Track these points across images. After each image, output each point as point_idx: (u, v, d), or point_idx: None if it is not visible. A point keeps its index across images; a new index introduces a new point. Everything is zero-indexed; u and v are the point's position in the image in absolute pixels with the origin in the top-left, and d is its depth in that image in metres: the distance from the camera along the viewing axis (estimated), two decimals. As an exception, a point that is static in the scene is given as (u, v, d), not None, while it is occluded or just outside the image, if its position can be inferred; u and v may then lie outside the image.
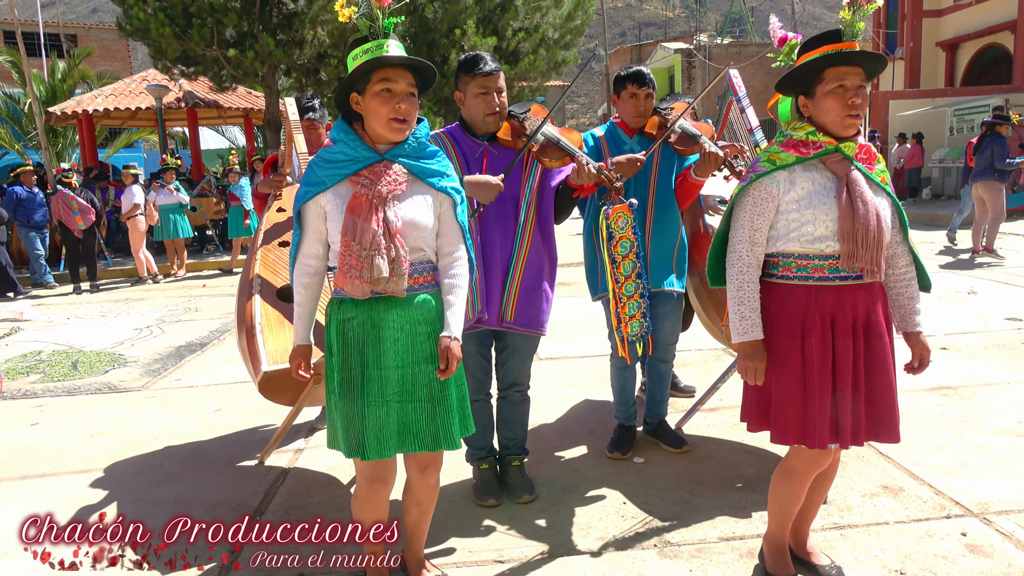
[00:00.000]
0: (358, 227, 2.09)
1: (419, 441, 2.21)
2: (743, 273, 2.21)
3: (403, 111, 2.12)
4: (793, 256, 2.19)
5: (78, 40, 29.59)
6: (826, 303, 2.16)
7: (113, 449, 3.98)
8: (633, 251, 2.93)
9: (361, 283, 2.10)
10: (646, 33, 62.77)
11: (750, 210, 2.21)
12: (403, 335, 2.18)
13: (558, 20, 14.86)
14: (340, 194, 2.15)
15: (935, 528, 2.75)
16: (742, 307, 2.21)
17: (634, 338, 2.98)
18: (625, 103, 3.31)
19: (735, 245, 2.24)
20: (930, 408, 3.99)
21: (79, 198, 10.11)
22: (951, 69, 20.94)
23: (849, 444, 2.19)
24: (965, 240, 10.56)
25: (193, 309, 8.28)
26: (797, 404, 2.18)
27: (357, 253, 2.08)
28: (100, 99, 15.68)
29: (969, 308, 6.41)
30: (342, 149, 2.17)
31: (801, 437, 2.19)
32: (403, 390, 2.18)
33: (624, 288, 2.95)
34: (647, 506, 3.02)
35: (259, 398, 3.58)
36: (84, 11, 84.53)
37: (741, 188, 2.23)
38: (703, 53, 29.34)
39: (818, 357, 2.15)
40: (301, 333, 2.30)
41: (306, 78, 13.63)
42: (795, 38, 2.82)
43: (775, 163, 2.18)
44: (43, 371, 5.73)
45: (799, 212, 2.15)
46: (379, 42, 2.11)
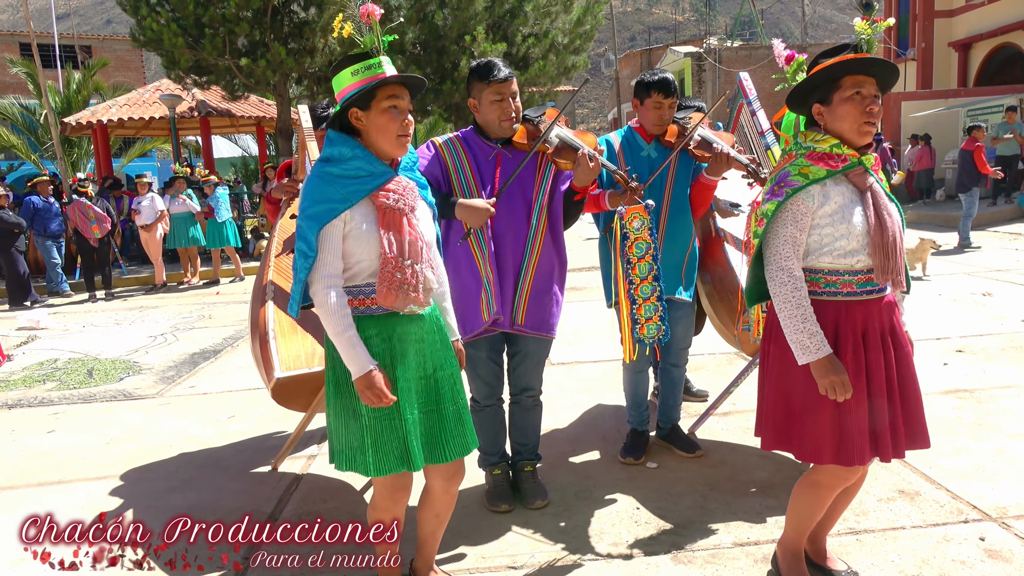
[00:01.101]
0: (404, 242, 2.11)
1: (449, 449, 2.24)
2: (799, 289, 2.14)
3: (408, 126, 2.17)
4: (822, 272, 2.17)
5: (92, 51, 29.88)
6: (856, 318, 2.15)
7: (128, 456, 4.01)
8: (650, 253, 2.91)
9: (417, 296, 2.14)
10: (656, 37, 62.71)
11: (792, 225, 2.16)
12: (424, 346, 2.23)
13: (567, 25, 14.86)
14: (363, 212, 2.13)
15: (952, 533, 2.72)
16: (807, 324, 2.11)
17: (650, 340, 2.97)
18: (648, 111, 3.26)
19: (782, 263, 2.16)
20: (946, 411, 3.95)
21: (95, 207, 10.22)
22: (964, 69, 20.77)
23: (890, 457, 2.16)
24: (977, 239, 10.47)
25: (207, 316, 8.34)
26: (831, 422, 2.14)
27: (408, 268, 2.11)
28: (114, 109, 15.83)
29: (984, 310, 6.35)
30: (360, 165, 2.14)
31: (836, 455, 2.15)
32: (428, 400, 2.23)
33: (640, 290, 2.93)
34: (661, 511, 3.01)
35: (272, 404, 3.59)
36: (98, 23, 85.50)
37: (778, 204, 2.16)
38: (713, 57, 29.27)
39: (853, 374, 2.13)
40: (363, 358, 2.08)
41: (317, 86, 13.71)
42: (801, 56, 2.84)
43: (808, 177, 2.14)
44: (59, 379, 5.78)
45: (833, 227, 2.14)
46: (379, 59, 2.14)
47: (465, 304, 2.87)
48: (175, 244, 11.22)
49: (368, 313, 2.16)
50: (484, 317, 2.88)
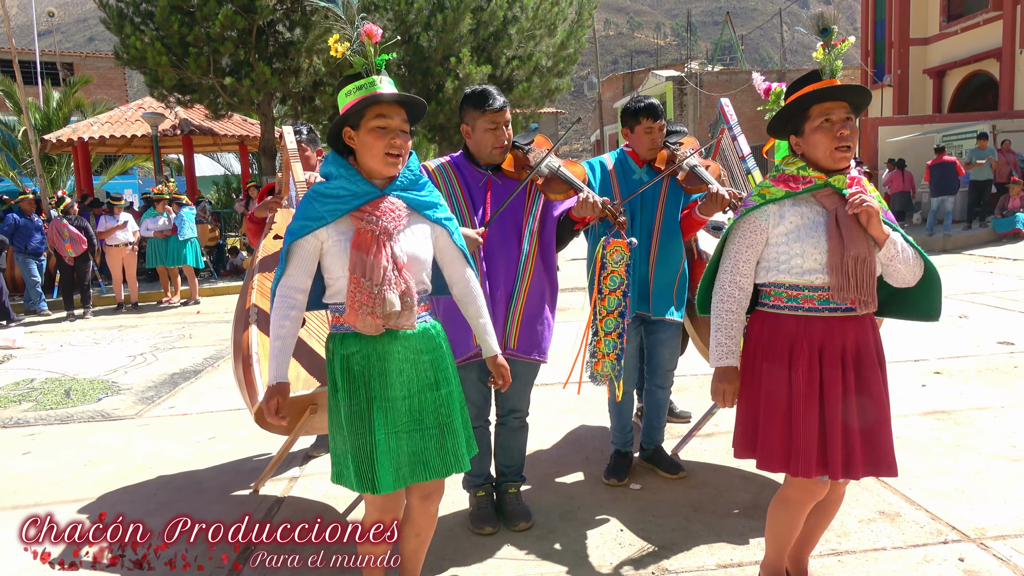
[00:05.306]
0: (368, 263, 2.09)
1: (429, 469, 2.21)
2: (723, 302, 2.30)
3: (397, 146, 2.15)
4: (784, 287, 2.23)
5: (75, 68, 29.78)
6: (815, 333, 2.19)
7: (106, 478, 3.95)
8: (621, 288, 2.90)
9: (374, 319, 2.10)
10: (638, 61, 63.52)
11: (738, 243, 2.28)
12: (408, 365, 2.20)
13: (551, 49, 15.04)
14: (341, 230, 2.15)
15: (932, 553, 2.75)
16: (718, 334, 2.31)
17: (601, 379, 2.95)
18: (640, 137, 3.29)
19: (721, 276, 2.32)
20: (925, 433, 4.00)
21: (71, 226, 10.11)
22: (939, 96, 21.21)
23: (840, 476, 2.18)
24: (952, 261, 10.63)
25: (187, 336, 8.26)
26: (782, 431, 2.19)
27: (368, 290, 2.09)
28: (96, 127, 15.75)
29: (961, 332, 6.44)
30: (342, 184, 2.16)
31: (785, 465, 2.20)
32: (411, 419, 2.19)
33: (604, 323, 2.92)
34: (644, 533, 3.01)
35: (254, 426, 3.57)
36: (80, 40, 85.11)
37: (733, 222, 2.30)
38: (694, 80, 29.69)
39: (804, 386, 2.16)
40: (279, 370, 2.15)
41: (301, 106, 13.73)
42: (779, 87, 2.90)
43: (765, 197, 2.24)
44: (36, 399, 5.69)
45: (787, 245, 2.20)
46: (372, 79, 2.15)
47: (456, 327, 2.87)
48: (154, 263, 11.13)
49: (351, 331, 2.17)
50: (476, 341, 2.88)
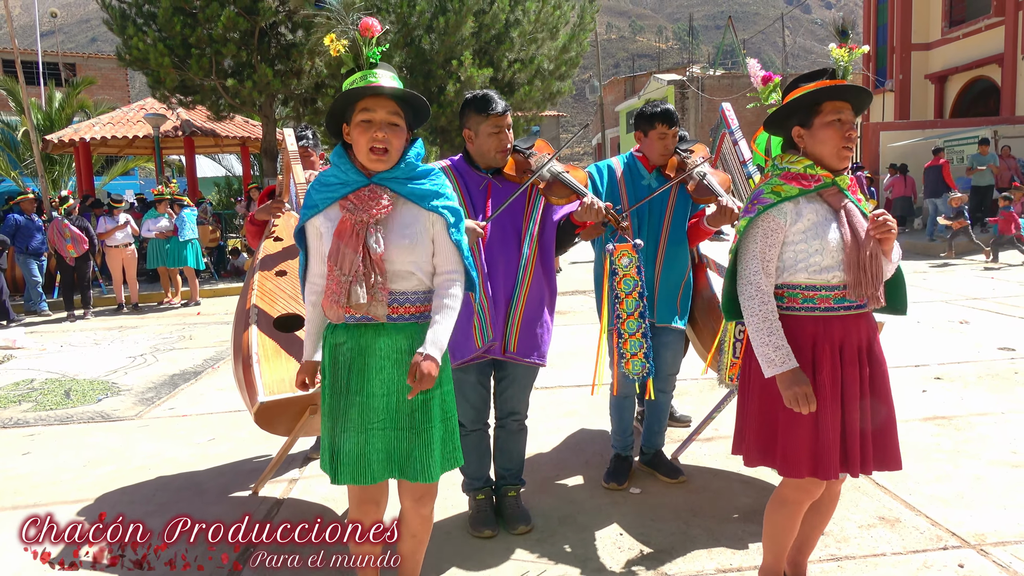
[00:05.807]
0: (340, 253, 2.12)
1: (412, 470, 2.20)
2: (765, 304, 2.18)
3: (381, 140, 2.11)
4: (800, 287, 2.21)
5: (77, 69, 29.82)
6: (834, 333, 2.19)
7: (106, 479, 3.94)
8: (636, 290, 2.93)
9: (338, 308, 2.13)
10: (639, 64, 63.62)
11: (761, 241, 2.21)
12: (389, 363, 2.18)
13: (553, 52, 15.04)
14: (331, 217, 2.20)
15: (932, 559, 2.74)
16: (772, 337, 2.15)
17: (635, 377, 2.99)
18: (653, 143, 3.29)
19: (750, 277, 2.21)
20: (925, 438, 4.00)
21: (72, 227, 10.11)
22: (940, 101, 21.21)
23: (858, 472, 2.19)
24: (953, 267, 10.63)
25: (187, 337, 8.25)
26: (809, 436, 2.16)
27: (337, 279, 2.12)
28: (97, 127, 15.75)
29: (962, 338, 6.44)
30: (335, 172, 2.22)
31: (813, 470, 2.17)
32: (387, 417, 2.19)
33: (626, 325, 2.96)
34: (644, 537, 3.01)
35: (253, 427, 3.56)
36: (83, 40, 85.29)
37: (749, 220, 2.22)
38: (696, 84, 29.70)
39: (829, 388, 2.16)
40: (309, 349, 2.38)
41: (303, 108, 13.72)
42: (777, 77, 2.91)
43: (780, 195, 2.20)
44: (35, 399, 5.69)
45: (806, 243, 2.18)
46: (364, 73, 2.15)
47: (457, 330, 2.86)
48: (155, 264, 11.12)
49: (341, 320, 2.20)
50: (478, 344, 2.89)
